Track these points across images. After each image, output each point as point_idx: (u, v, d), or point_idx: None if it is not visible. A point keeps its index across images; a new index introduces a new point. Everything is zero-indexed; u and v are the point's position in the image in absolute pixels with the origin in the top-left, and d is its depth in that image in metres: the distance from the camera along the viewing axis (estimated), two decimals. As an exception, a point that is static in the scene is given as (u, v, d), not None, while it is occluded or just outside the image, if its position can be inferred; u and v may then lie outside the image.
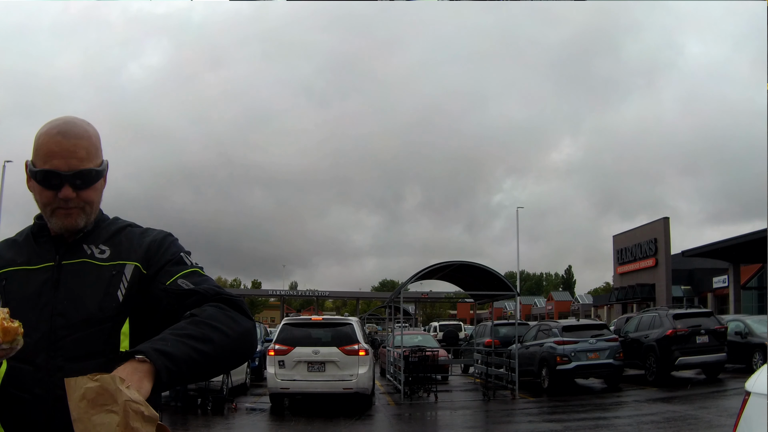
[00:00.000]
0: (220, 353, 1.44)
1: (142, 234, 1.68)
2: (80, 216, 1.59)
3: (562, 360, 14.43)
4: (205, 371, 1.45)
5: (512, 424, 11.48)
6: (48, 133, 1.55)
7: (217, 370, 1.50)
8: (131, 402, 1.29)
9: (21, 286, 1.56)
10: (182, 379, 1.38)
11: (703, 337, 14.69)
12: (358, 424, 10.87)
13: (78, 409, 1.31)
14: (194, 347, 1.37)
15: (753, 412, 2.68)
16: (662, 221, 36.61)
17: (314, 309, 67.52)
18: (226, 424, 11.06)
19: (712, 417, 10.18)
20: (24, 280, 1.57)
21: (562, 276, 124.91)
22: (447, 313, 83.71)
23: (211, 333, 1.42)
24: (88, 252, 1.60)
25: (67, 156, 1.53)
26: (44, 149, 1.54)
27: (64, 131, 1.55)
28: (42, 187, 1.56)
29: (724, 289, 32.75)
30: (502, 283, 14.62)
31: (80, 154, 1.54)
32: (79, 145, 1.55)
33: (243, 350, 1.52)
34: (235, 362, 1.54)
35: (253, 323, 1.56)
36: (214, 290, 1.56)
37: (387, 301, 25.89)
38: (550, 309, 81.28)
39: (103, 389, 1.30)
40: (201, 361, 1.39)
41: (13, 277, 1.57)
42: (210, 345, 1.40)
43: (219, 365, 1.47)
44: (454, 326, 35.33)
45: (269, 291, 79.63)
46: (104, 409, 1.29)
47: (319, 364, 11.67)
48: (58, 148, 1.53)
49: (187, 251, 1.68)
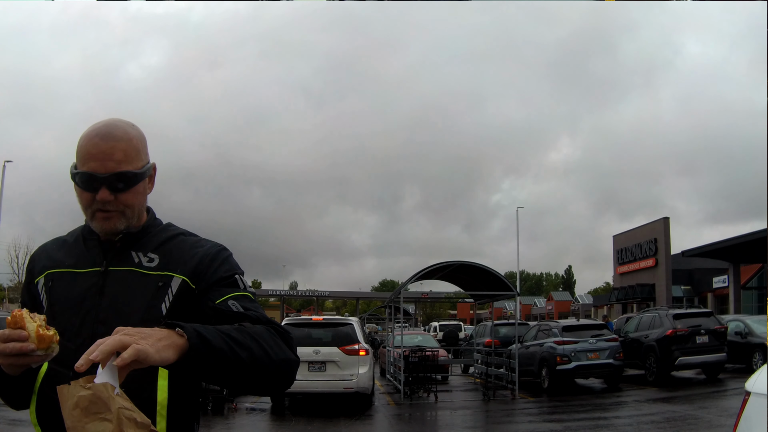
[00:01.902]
0: (254, 367, 1.38)
1: (194, 245, 1.63)
2: (120, 219, 1.56)
3: (562, 360, 14.43)
4: (233, 376, 1.38)
5: (512, 424, 11.48)
6: (87, 136, 1.54)
7: (245, 382, 1.41)
8: (124, 409, 1.29)
9: (66, 290, 1.56)
10: (207, 369, 1.33)
11: (703, 337, 14.69)
12: (358, 424, 10.87)
13: (72, 417, 1.31)
14: (232, 348, 1.33)
15: (753, 412, 2.68)
16: (662, 221, 36.61)
17: (314, 309, 67.52)
18: (226, 424, 11.06)
19: (712, 417, 10.18)
20: (70, 283, 1.56)
21: (562, 276, 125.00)
22: (447, 313, 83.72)
23: (253, 344, 1.38)
24: (136, 260, 1.57)
25: (104, 158, 1.51)
26: (83, 152, 1.53)
27: (102, 133, 1.53)
28: (81, 190, 1.54)
29: (724, 289, 32.75)
30: (502, 283, 14.62)
31: (117, 156, 1.52)
32: (117, 147, 1.52)
33: (280, 377, 1.46)
34: (268, 385, 1.49)
35: (297, 359, 1.50)
36: (266, 318, 1.53)
37: (387, 301, 25.88)
38: (550, 309, 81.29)
39: (96, 397, 1.30)
40: (232, 362, 1.34)
41: (60, 279, 1.57)
42: (247, 353, 1.36)
43: (249, 377, 1.40)
44: (454, 326, 35.30)
45: (269, 291, 79.54)
46: (98, 417, 1.29)
47: (319, 363, 11.69)
48: (95, 150, 1.51)
49: (241, 271, 1.63)
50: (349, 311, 74.60)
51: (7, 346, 1.33)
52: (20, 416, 7.39)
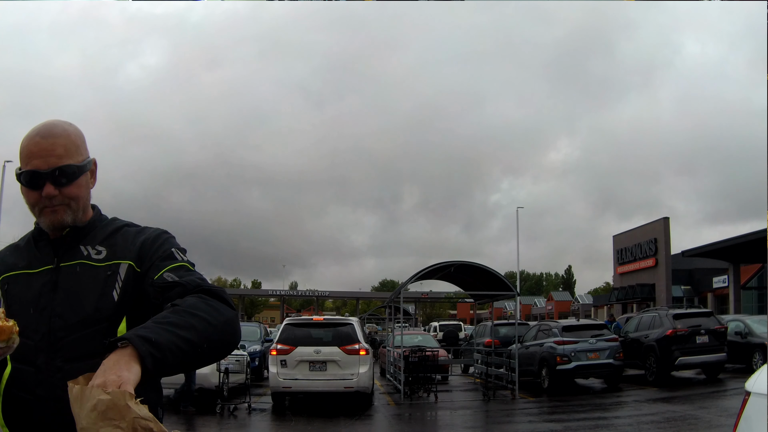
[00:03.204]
0: (204, 341, 1.41)
1: (138, 233, 1.70)
2: (66, 212, 1.61)
3: (562, 360, 14.43)
4: (190, 359, 1.42)
5: (512, 424, 11.48)
6: (29, 136, 1.60)
7: (202, 358, 1.45)
8: (140, 419, 1.31)
9: (22, 290, 1.59)
10: (167, 365, 1.36)
11: (703, 337, 14.69)
12: (358, 423, 10.87)
13: (88, 419, 1.33)
14: (177, 334, 1.36)
15: (753, 412, 2.68)
16: (662, 221, 36.61)
17: (314, 309, 67.51)
18: (226, 424, 11.06)
19: (712, 417, 10.18)
20: (25, 284, 1.60)
21: (562, 276, 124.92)
22: (447, 313, 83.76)
23: (193, 321, 1.41)
24: (85, 253, 1.62)
25: (46, 155, 1.56)
26: (25, 152, 1.58)
27: (42, 133, 1.59)
28: (27, 189, 1.59)
29: (724, 289, 32.75)
30: (502, 283, 14.62)
31: (58, 151, 1.57)
32: (57, 143, 1.58)
33: (227, 339, 1.50)
34: (219, 351, 1.51)
35: (235, 313, 1.54)
36: (196, 282, 1.55)
37: (387, 301, 25.88)
38: (550, 309, 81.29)
39: (113, 403, 1.32)
40: (185, 348, 1.37)
41: (15, 282, 1.60)
42: (193, 332, 1.39)
43: (203, 353, 1.44)
44: (454, 326, 35.30)
45: (269, 291, 79.64)
46: (112, 424, 1.31)
47: (320, 363, 11.71)
48: (36, 148, 1.57)
49: (181, 248, 1.68)
50: (349, 311, 74.59)
51: None
52: None
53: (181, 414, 11.16)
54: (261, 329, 20.43)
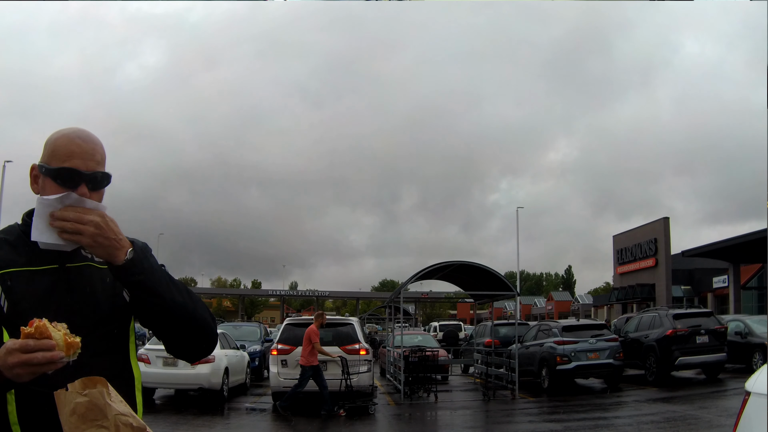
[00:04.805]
0: (183, 310, 1.63)
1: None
2: None
3: (562, 360, 14.43)
4: (167, 310, 1.61)
5: (512, 424, 11.48)
6: (67, 136, 1.64)
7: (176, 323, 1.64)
8: (120, 415, 1.33)
9: (28, 288, 1.58)
10: (146, 286, 1.58)
11: (703, 337, 14.69)
12: (358, 423, 10.87)
13: (69, 424, 1.34)
14: (168, 281, 1.63)
15: (753, 412, 2.68)
16: (662, 221, 36.62)
17: (314, 309, 67.50)
18: (226, 424, 11.07)
19: (712, 417, 10.18)
20: (30, 282, 1.59)
21: (562, 276, 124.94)
22: (447, 313, 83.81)
23: (186, 295, 1.66)
24: (89, 256, 1.66)
25: (86, 158, 1.62)
26: (64, 150, 1.62)
27: (82, 136, 1.65)
28: (57, 185, 1.60)
29: (724, 289, 32.75)
30: (502, 283, 14.62)
31: (97, 157, 1.65)
32: (96, 150, 1.65)
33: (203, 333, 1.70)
34: (192, 337, 1.69)
35: (215, 328, 1.76)
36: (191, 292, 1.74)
37: (387, 301, 25.89)
38: (550, 309, 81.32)
39: (92, 404, 1.33)
40: (166, 293, 1.60)
41: (18, 278, 1.59)
42: (180, 296, 1.63)
43: (179, 319, 1.64)
44: (454, 326, 35.31)
45: (269, 291, 79.70)
46: (95, 424, 1.33)
47: (321, 363, 11.70)
48: (78, 149, 1.62)
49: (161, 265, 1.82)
50: (349, 311, 74.61)
51: (35, 356, 1.36)
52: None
53: (180, 414, 11.15)
54: (261, 329, 20.43)
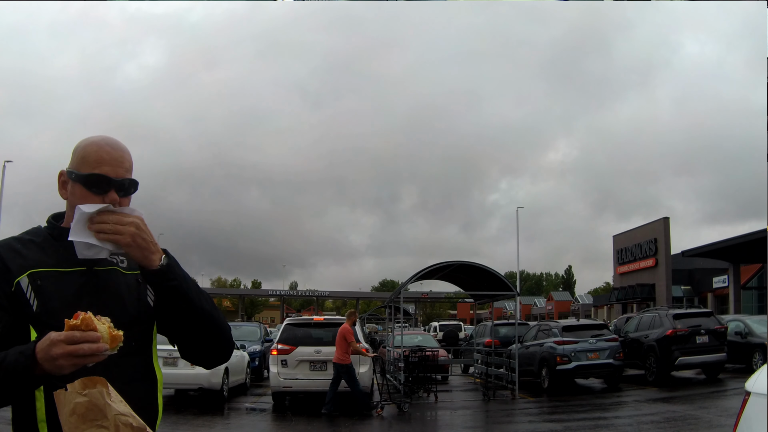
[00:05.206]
0: (207, 318, 1.71)
1: None
2: None
3: (562, 360, 14.43)
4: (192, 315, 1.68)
5: (512, 424, 11.48)
6: (97, 144, 1.71)
7: (199, 328, 1.71)
8: (120, 415, 1.34)
9: (58, 288, 1.63)
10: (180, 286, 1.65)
11: (703, 337, 14.69)
12: (358, 423, 10.87)
13: (69, 424, 1.34)
14: (195, 288, 1.70)
15: (753, 412, 2.68)
16: (662, 221, 36.61)
17: (314, 309, 67.51)
18: (226, 424, 11.07)
19: (712, 417, 10.18)
20: (59, 282, 1.64)
21: (562, 276, 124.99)
22: (447, 313, 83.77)
23: (209, 303, 1.72)
24: (114, 261, 1.73)
25: (116, 165, 1.69)
26: (94, 157, 1.68)
27: (111, 144, 1.72)
28: (87, 191, 1.67)
29: (724, 289, 32.75)
30: (502, 283, 14.62)
31: (126, 164, 1.72)
32: (125, 158, 1.72)
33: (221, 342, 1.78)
34: (211, 344, 1.77)
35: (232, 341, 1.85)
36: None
37: (387, 301, 25.87)
38: (550, 309, 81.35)
39: (92, 404, 1.33)
40: (193, 300, 1.67)
41: (47, 278, 1.63)
42: (205, 303, 1.71)
43: (202, 324, 1.71)
44: (454, 326, 35.31)
45: (269, 291, 79.62)
46: (95, 424, 1.33)
47: (321, 363, 11.72)
48: (108, 156, 1.69)
49: None
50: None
51: (81, 348, 1.40)
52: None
53: (180, 414, 11.15)
54: (261, 329, 20.43)
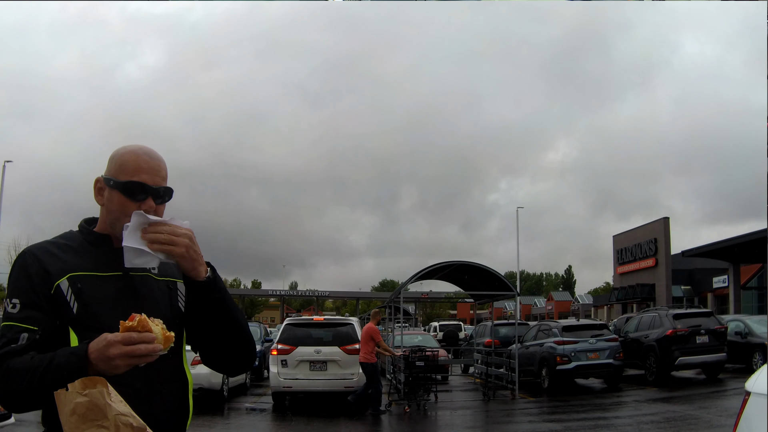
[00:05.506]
0: (240, 328, 1.78)
1: None
2: None
3: (562, 360, 14.43)
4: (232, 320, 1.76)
5: (512, 424, 11.48)
6: (135, 152, 1.76)
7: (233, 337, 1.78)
8: (120, 415, 1.34)
9: (97, 292, 1.69)
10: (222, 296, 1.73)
11: (703, 337, 14.69)
12: (358, 423, 10.88)
13: (69, 424, 1.34)
14: (232, 301, 1.77)
15: (753, 412, 2.68)
16: (662, 221, 36.61)
17: (314, 309, 67.50)
18: (226, 424, 11.06)
19: (712, 417, 10.18)
20: (98, 286, 1.69)
21: (562, 276, 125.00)
22: (447, 313, 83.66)
23: (242, 316, 1.81)
24: (147, 267, 1.76)
25: (153, 173, 1.75)
26: (133, 165, 1.73)
27: (148, 153, 1.78)
28: (125, 198, 1.73)
29: (724, 289, 32.75)
30: (502, 283, 14.62)
31: (162, 173, 1.78)
32: (161, 167, 1.78)
33: (249, 351, 1.84)
34: (240, 352, 1.82)
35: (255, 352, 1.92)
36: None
37: (387, 302, 25.88)
38: (550, 309, 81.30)
39: (92, 404, 1.33)
40: (230, 311, 1.75)
41: (87, 282, 1.69)
42: (240, 316, 1.79)
43: (236, 334, 1.78)
44: (454, 326, 35.30)
45: (269, 291, 79.58)
46: (95, 424, 1.33)
47: (320, 363, 11.73)
48: (146, 165, 1.74)
49: None
50: (349, 311, 74.59)
51: (138, 348, 1.47)
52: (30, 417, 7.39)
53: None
54: (261, 329, 20.42)
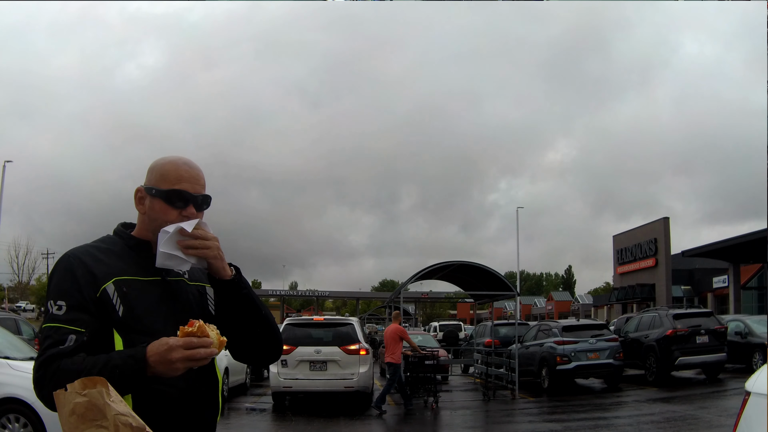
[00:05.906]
0: (266, 321, 1.89)
1: None
2: None
3: (562, 360, 14.43)
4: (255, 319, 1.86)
5: (512, 424, 11.49)
6: (175, 163, 1.84)
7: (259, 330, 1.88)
8: (119, 415, 1.34)
9: (141, 295, 1.76)
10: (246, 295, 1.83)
11: (703, 337, 14.70)
12: (358, 423, 10.88)
13: (68, 424, 1.34)
14: (257, 297, 1.87)
15: (753, 412, 2.68)
16: (662, 221, 36.61)
17: (314, 309, 67.50)
18: (226, 424, 11.06)
19: (712, 417, 10.19)
20: (141, 290, 1.77)
21: (562, 276, 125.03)
22: (447, 313, 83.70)
23: (267, 311, 1.91)
24: (180, 272, 1.85)
25: (194, 182, 1.83)
26: (174, 174, 1.81)
27: (188, 162, 1.86)
28: (168, 205, 1.80)
29: (724, 289, 32.75)
30: (502, 283, 14.62)
31: (201, 182, 1.85)
32: (201, 176, 1.86)
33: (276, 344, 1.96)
34: (267, 344, 1.93)
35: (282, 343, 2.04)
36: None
37: (387, 301, 25.89)
38: (550, 309, 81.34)
39: (91, 404, 1.33)
40: (256, 306, 1.85)
41: (131, 286, 1.76)
42: (264, 310, 1.88)
43: (262, 327, 1.88)
44: (454, 326, 35.31)
45: (269, 291, 79.57)
46: (94, 424, 1.33)
47: (321, 363, 11.72)
48: (187, 174, 1.82)
49: None
50: (349, 311, 74.59)
51: (198, 352, 1.57)
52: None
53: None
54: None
